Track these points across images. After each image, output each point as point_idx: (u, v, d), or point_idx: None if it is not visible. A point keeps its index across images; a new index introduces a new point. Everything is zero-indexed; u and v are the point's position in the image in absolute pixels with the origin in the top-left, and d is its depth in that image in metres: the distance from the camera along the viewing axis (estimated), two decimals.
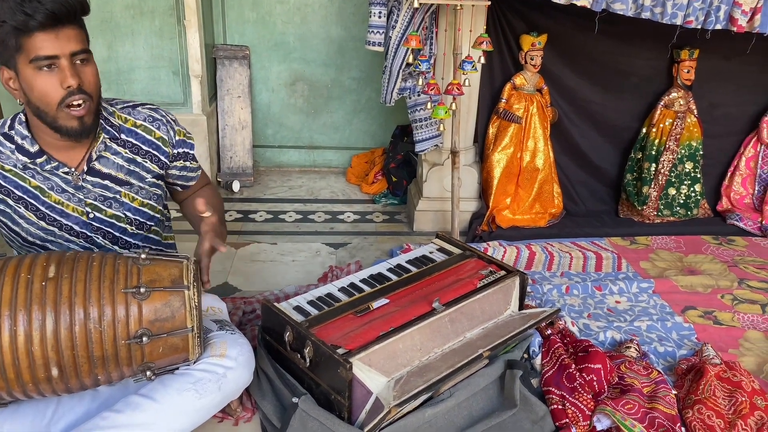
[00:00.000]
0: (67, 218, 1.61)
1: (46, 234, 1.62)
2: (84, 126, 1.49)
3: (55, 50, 1.39)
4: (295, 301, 1.81)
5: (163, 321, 1.43)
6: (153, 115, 1.66)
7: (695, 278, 2.52)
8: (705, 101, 3.01)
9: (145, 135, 1.64)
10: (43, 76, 1.41)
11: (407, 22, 2.50)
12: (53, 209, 1.59)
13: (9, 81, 1.47)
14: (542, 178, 2.92)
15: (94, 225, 1.64)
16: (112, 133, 1.60)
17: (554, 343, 1.92)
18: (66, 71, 1.41)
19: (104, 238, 1.67)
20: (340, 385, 1.51)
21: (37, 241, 1.63)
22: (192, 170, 1.79)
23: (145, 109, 1.66)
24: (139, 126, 1.64)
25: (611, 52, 2.90)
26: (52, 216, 1.60)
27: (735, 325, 2.23)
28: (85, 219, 1.62)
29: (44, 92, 1.42)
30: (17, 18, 1.35)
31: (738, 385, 1.79)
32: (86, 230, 1.64)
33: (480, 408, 1.72)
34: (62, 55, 1.40)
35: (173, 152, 1.69)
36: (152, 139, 1.65)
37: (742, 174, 3.13)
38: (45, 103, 1.43)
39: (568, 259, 2.66)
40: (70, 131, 1.48)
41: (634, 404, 1.70)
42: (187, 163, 1.75)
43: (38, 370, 1.35)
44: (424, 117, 2.68)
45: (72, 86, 1.42)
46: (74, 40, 1.42)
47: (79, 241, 1.65)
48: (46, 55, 1.38)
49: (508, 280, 1.94)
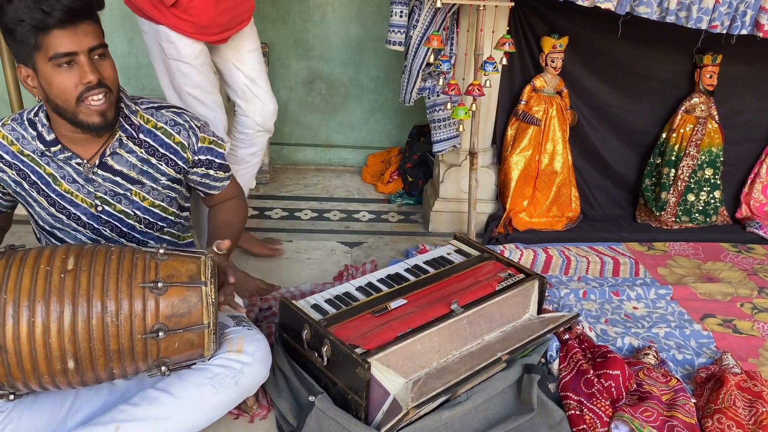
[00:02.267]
0: (75, 207, 1.62)
1: (54, 221, 1.64)
2: (106, 120, 1.49)
3: (74, 47, 1.39)
4: (312, 299, 1.80)
5: (179, 316, 1.42)
6: (176, 119, 1.64)
7: (714, 286, 2.49)
8: (727, 107, 2.98)
9: (164, 138, 1.63)
10: (63, 72, 1.41)
11: (428, 21, 2.48)
12: (63, 197, 1.60)
13: (27, 79, 1.47)
14: (560, 181, 2.89)
15: (103, 218, 1.64)
16: (130, 131, 1.59)
17: (572, 348, 1.90)
18: (85, 67, 1.41)
19: (112, 231, 1.67)
20: (358, 385, 1.50)
21: (46, 226, 1.66)
22: (216, 179, 1.76)
23: (170, 112, 1.65)
24: (159, 128, 1.63)
25: (632, 55, 2.86)
26: (62, 204, 1.61)
27: (755, 334, 2.19)
28: (94, 211, 1.63)
29: (63, 88, 1.42)
30: (35, 16, 1.35)
31: (759, 396, 1.77)
32: (93, 222, 1.64)
33: (497, 412, 1.71)
34: (81, 51, 1.40)
35: (193, 158, 1.67)
36: (171, 143, 1.64)
37: (762, 181, 3.09)
38: (64, 100, 1.43)
39: (585, 264, 2.63)
40: (93, 126, 1.48)
41: (652, 412, 1.68)
42: (211, 171, 1.73)
43: (54, 361, 1.35)
44: (443, 117, 2.66)
45: (92, 81, 1.42)
46: (91, 36, 1.42)
47: (86, 231, 1.66)
48: (65, 51, 1.39)
49: (527, 284, 1.92)
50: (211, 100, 2.13)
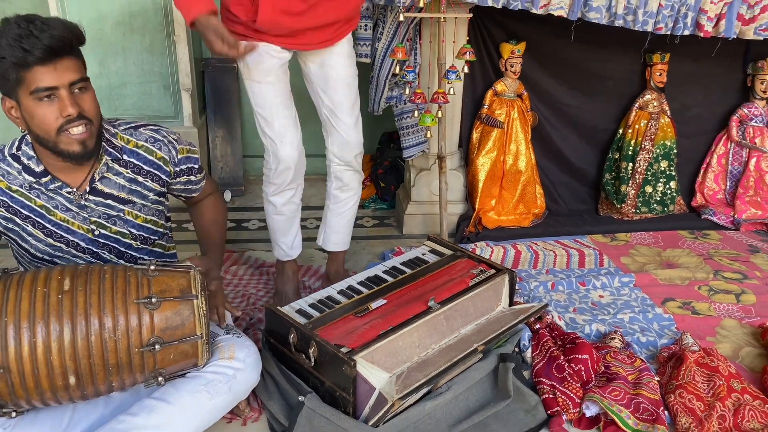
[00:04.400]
0: (73, 235, 1.67)
1: (53, 250, 1.68)
2: (86, 149, 1.54)
3: (54, 82, 1.45)
4: (296, 304, 1.89)
5: (173, 329, 1.50)
6: (155, 136, 1.72)
7: (673, 271, 2.64)
8: (677, 102, 3.15)
9: (147, 155, 1.70)
10: (44, 106, 1.47)
11: (392, 34, 2.60)
12: (59, 227, 1.65)
13: (11, 110, 1.53)
14: (525, 180, 3.03)
15: (100, 241, 1.70)
16: (114, 154, 1.65)
17: (543, 337, 2.02)
18: (65, 100, 1.47)
19: (110, 253, 1.74)
20: (345, 382, 1.60)
21: (45, 257, 1.70)
22: (195, 183, 1.86)
23: (147, 130, 1.72)
24: (140, 147, 1.70)
25: (587, 57, 3.02)
26: (59, 233, 1.66)
27: (711, 314, 2.35)
28: (91, 236, 1.69)
29: (45, 121, 1.48)
30: (16, 54, 1.41)
31: (716, 370, 1.91)
32: (92, 246, 1.71)
33: (476, 400, 1.82)
34: (61, 85, 1.46)
35: (175, 170, 1.76)
36: (154, 160, 1.71)
37: (714, 171, 3.27)
38: (45, 131, 1.50)
39: (553, 257, 2.77)
40: (73, 155, 1.53)
41: (620, 391, 1.81)
42: (191, 177, 1.83)
43: (57, 378, 1.42)
44: (411, 124, 2.77)
45: (71, 115, 1.48)
46: (72, 71, 1.48)
47: (85, 256, 1.72)
48: (46, 86, 1.45)
49: (498, 278, 2.04)
50: (281, 124, 2.07)
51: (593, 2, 2.40)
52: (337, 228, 2.36)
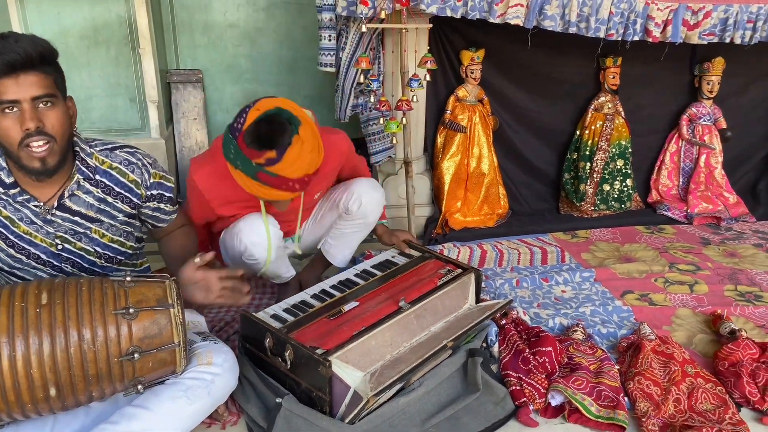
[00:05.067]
0: (35, 248, 1.69)
1: (13, 261, 1.69)
2: (46, 166, 1.55)
3: (16, 95, 1.47)
4: (271, 310, 1.94)
5: (151, 338, 1.54)
6: (129, 158, 1.74)
7: (631, 265, 2.77)
8: (630, 103, 3.29)
9: (119, 177, 1.72)
10: (7, 118, 1.49)
11: (356, 44, 2.67)
12: (22, 239, 1.67)
13: None
14: (488, 181, 3.13)
15: (63, 255, 1.72)
16: (87, 173, 1.67)
17: (509, 332, 2.11)
18: (26, 114, 1.48)
19: (73, 267, 1.75)
20: (321, 382, 1.66)
21: (5, 267, 1.71)
22: (166, 212, 1.88)
23: (123, 152, 1.74)
24: (114, 168, 1.72)
25: (544, 62, 3.14)
26: (21, 245, 1.67)
27: (667, 304, 2.47)
28: (54, 250, 1.70)
29: (7, 134, 1.50)
30: None
31: (671, 357, 2.02)
32: (53, 260, 1.72)
33: (447, 394, 1.89)
34: (23, 99, 1.47)
35: (146, 194, 1.78)
36: (125, 182, 1.73)
37: (667, 168, 3.42)
38: (8, 143, 1.52)
39: (517, 255, 2.87)
40: (32, 171, 1.55)
41: (582, 380, 1.90)
42: (162, 205, 1.84)
43: (37, 390, 1.44)
44: (377, 131, 2.85)
45: (30, 129, 1.49)
46: (36, 86, 1.48)
47: (45, 269, 1.73)
48: (8, 99, 1.47)
49: (465, 277, 2.12)
50: None
51: (548, 11, 2.51)
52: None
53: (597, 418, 1.82)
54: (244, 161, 1.80)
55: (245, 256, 2.08)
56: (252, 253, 2.07)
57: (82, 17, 2.89)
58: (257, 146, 1.77)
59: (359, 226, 2.30)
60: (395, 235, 2.36)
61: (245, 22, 3.38)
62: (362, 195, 2.21)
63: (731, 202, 3.33)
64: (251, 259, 2.09)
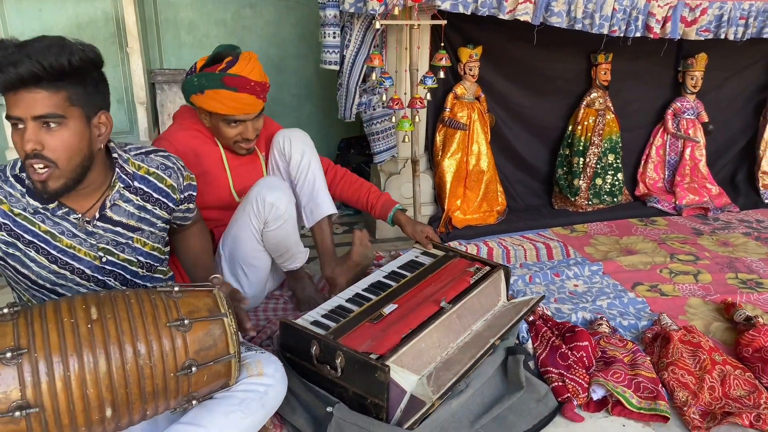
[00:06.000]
0: (79, 262, 1.59)
1: (57, 278, 1.59)
2: (47, 189, 1.44)
3: (19, 112, 1.37)
4: (309, 316, 1.88)
5: (207, 350, 1.46)
6: (165, 162, 1.67)
7: (635, 257, 2.83)
8: (620, 99, 3.37)
9: (157, 183, 1.65)
10: (16, 132, 1.40)
11: (360, 41, 2.62)
12: (65, 253, 1.57)
13: None
14: (487, 179, 3.14)
15: (107, 269, 1.63)
16: (127, 181, 1.60)
17: (541, 328, 2.12)
18: (24, 134, 1.38)
19: (115, 280, 1.67)
20: (378, 388, 1.61)
21: (47, 284, 1.60)
22: (191, 211, 1.84)
23: (158, 156, 1.68)
24: (151, 173, 1.64)
25: (537, 59, 3.18)
26: (64, 260, 1.57)
27: (677, 294, 2.54)
28: (98, 263, 1.61)
29: (16, 148, 1.42)
30: None
31: (698, 346, 2.07)
32: (98, 274, 1.63)
33: (490, 394, 1.87)
34: (25, 117, 1.37)
35: (180, 197, 1.72)
36: (163, 187, 1.66)
37: (654, 161, 3.52)
38: (19, 156, 1.44)
39: (522, 252, 2.89)
40: (37, 191, 1.45)
41: (620, 373, 1.93)
42: (190, 205, 1.80)
43: (93, 412, 1.35)
44: (381, 130, 2.81)
45: (27, 150, 1.39)
46: (39, 104, 1.36)
47: (89, 284, 1.63)
48: (12, 115, 1.38)
49: (495, 274, 2.12)
50: None
51: (554, 7, 2.53)
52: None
53: (639, 409, 1.84)
54: (207, 76, 2.03)
55: (270, 217, 2.08)
56: (274, 204, 2.06)
57: (65, 14, 2.73)
58: (215, 61, 2.06)
59: (305, 165, 2.29)
60: (418, 231, 2.33)
61: (232, 20, 3.28)
62: (285, 136, 2.28)
63: (714, 193, 3.45)
64: (276, 217, 2.08)
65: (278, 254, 2.24)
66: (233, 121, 2.08)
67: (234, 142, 2.14)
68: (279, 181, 2.14)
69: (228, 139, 2.13)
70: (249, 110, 2.07)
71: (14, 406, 1.27)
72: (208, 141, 2.17)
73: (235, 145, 2.15)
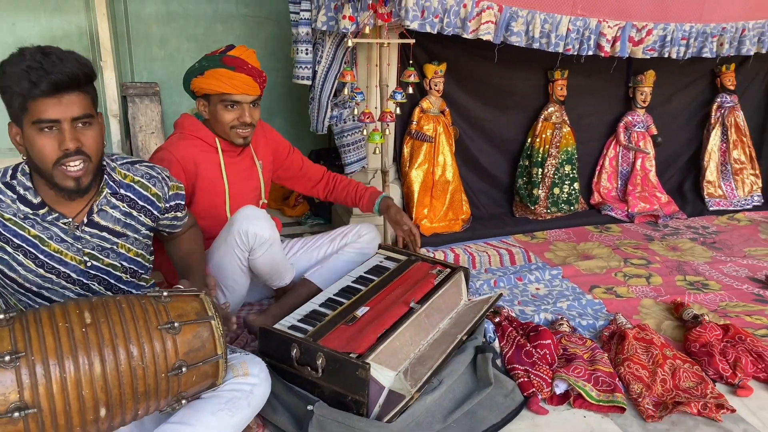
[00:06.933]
0: (65, 266, 1.65)
1: (43, 281, 1.65)
2: (80, 186, 1.54)
3: (57, 115, 1.45)
4: (286, 321, 1.97)
5: (196, 351, 1.54)
6: (150, 172, 1.75)
7: (591, 262, 3.00)
8: (575, 113, 3.56)
9: (142, 191, 1.73)
10: (44, 137, 1.47)
11: (331, 57, 2.74)
12: (52, 257, 1.63)
13: (16, 136, 1.52)
14: (452, 189, 3.28)
15: (91, 273, 1.69)
16: (114, 188, 1.67)
17: (506, 328, 2.25)
18: (65, 134, 1.47)
19: (99, 285, 1.73)
20: (359, 385, 1.71)
21: (33, 287, 1.66)
22: (180, 219, 1.90)
23: (143, 166, 1.75)
24: (137, 182, 1.72)
25: (498, 75, 3.34)
26: (51, 264, 1.63)
27: (631, 296, 2.71)
28: (83, 267, 1.67)
29: (43, 152, 1.48)
30: (22, 85, 1.41)
31: (651, 342, 2.23)
32: (83, 278, 1.69)
33: (461, 391, 1.99)
34: (63, 119, 1.46)
35: (165, 206, 1.80)
36: (148, 195, 1.74)
37: (607, 171, 3.72)
38: (42, 162, 1.50)
39: (487, 257, 3.03)
40: (66, 189, 1.53)
41: (581, 369, 2.07)
42: (178, 214, 1.87)
43: (88, 412, 1.41)
44: (352, 142, 2.92)
45: (69, 149, 1.48)
46: (77, 106, 1.48)
47: (75, 288, 1.69)
48: (48, 118, 1.45)
49: (456, 275, 2.25)
50: None
51: (514, 27, 2.69)
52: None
53: (598, 401, 1.98)
54: (208, 59, 2.16)
55: (256, 245, 2.13)
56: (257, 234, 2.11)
57: (39, 28, 2.77)
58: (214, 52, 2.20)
59: (355, 253, 2.42)
60: (402, 222, 2.42)
61: (203, 36, 3.35)
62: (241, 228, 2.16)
63: (663, 201, 3.67)
64: (260, 243, 2.13)
65: (268, 276, 2.31)
66: (231, 103, 2.14)
67: (231, 127, 2.18)
68: (257, 211, 2.17)
69: (225, 125, 2.17)
70: (247, 90, 2.13)
71: (13, 408, 1.32)
72: (208, 148, 2.23)
73: (232, 131, 2.19)
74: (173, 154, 2.15)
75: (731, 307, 2.61)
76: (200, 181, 2.20)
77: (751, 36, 3.16)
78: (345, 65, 2.74)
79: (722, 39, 3.10)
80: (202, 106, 2.22)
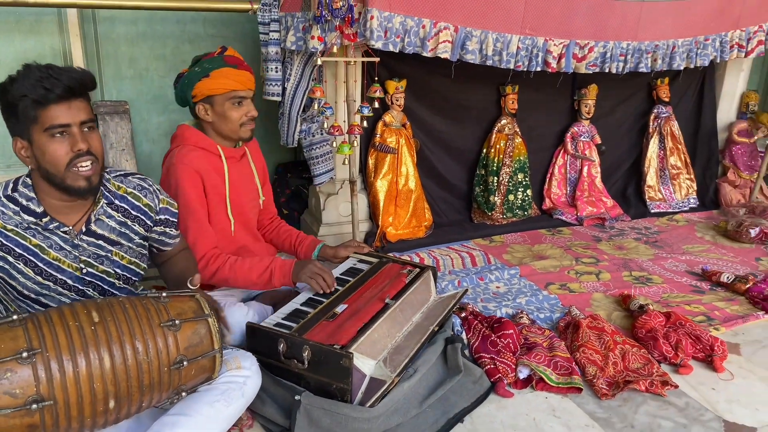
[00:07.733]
0: (62, 273, 1.76)
1: (41, 288, 1.75)
2: (91, 185, 1.67)
3: (69, 119, 1.59)
4: (271, 320, 2.10)
5: (195, 346, 1.67)
6: (141, 184, 1.88)
7: (546, 262, 3.23)
8: (525, 125, 3.82)
9: (134, 201, 1.85)
10: (56, 142, 1.60)
11: (299, 74, 2.90)
12: (51, 265, 1.73)
13: (21, 150, 1.63)
14: (415, 197, 3.47)
15: (86, 279, 1.80)
16: (110, 198, 1.79)
17: (472, 322, 2.44)
18: (77, 137, 1.61)
19: (94, 290, 1.83)
20: (343, 374, 1.86)
21: (31, 294, 1.75)
22: (171, 236, 2.01)
23: (135, 178, 1.88)
24: (129, 193, 1.85)
25: (454, 91, 3.56)
26: (49, 272, 1.74)
27: (583, 291, 2.94)
28: (79, 274, 1.78)
29: (56, 156, 1.61)
30: (38, 92, 1.54)
31: (602, 330, 2.46)
32: (78, 284, 1.80)
33: (434, 379, 2.16)
34: (74, 123, 1.60)
35: (156, 218, 1.92)
36: (140, 205, 1.86)
37: (557, 179, 3.98)
38: (54, 166, 1.62)
39: (450, 260, 3.23)
40: (79, 190, 1.66)
41: (541, 355, 2.27)
42: (167, 229, 1.97)
43: (98, 404, 1.52)
44: (321, 154, 3.08)
45: (82, 149, 1.62)
46: (84, 111, 1.63)
47: (70, 294, 1.80)
48: (61, 123, 1.58)
49: (425, 274, 2.43)
50: None
51: (469, 46, 2.92)
52: None
53: (558, 384, 2.19)
54: (210, 61, 2.24)
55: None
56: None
57: (13, 49, 2.84)
58: (206, 55, 2.28)
59: None
60: (343, 249, 2.54)
61: (172, 55, 3.46)
62: None
63: (609, 205, 3.95)
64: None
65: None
66: (239, 99, 2.23)
67: (241, 124, 2.26)
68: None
69: (235, 122, 2.25)
70: (250, 85, 2.24)
71: (30, 400, 1.43)
72: (212, 157, 2.28)
73: (242, 128, 2.27)
74: (190, 167, 2.20)
75: (672, 297, 2.88)
76: (207, 189, 2.26)
77: (680, 52, 3.47)
78: (313, 82, 2.91)
79: (656, 55, 3.41)
80: (204, 110, 2.25)
